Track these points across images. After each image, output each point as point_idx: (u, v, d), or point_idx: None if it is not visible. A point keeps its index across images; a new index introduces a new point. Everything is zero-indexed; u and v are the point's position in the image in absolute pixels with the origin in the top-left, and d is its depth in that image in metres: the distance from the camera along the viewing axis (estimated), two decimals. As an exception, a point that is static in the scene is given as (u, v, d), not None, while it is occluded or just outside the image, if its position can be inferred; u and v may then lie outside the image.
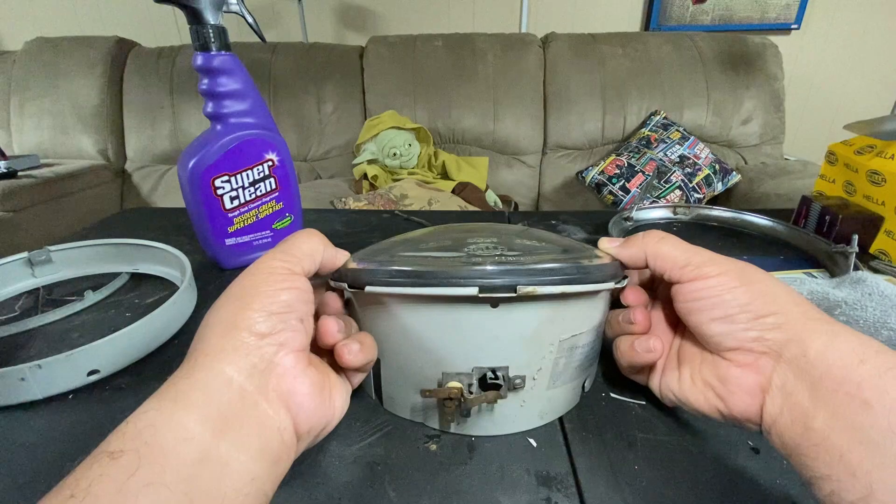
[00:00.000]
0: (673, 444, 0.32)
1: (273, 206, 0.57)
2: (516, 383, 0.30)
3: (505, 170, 1.90)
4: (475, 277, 0.27)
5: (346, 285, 0.30)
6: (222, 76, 0.50)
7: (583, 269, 0.29)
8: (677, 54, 1.85)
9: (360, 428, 0.33)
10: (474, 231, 0.36)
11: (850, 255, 0.50)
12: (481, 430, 0.32)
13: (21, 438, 0.33)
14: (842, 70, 2.12)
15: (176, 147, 1.93)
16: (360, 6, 2.19)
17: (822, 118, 2.19)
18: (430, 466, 0.30)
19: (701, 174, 1.67)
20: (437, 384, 0.30)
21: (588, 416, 0.34)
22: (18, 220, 1.56)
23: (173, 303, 0.43)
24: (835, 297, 0.42)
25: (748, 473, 0.30)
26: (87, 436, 0.33)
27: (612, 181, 1.69)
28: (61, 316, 0.48)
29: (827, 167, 0.66)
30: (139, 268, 0.55)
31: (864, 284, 0.42)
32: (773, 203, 1.51)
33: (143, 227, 0.71)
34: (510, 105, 1.86)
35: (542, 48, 1.91)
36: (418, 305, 0.29)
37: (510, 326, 0.29)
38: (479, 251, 0.31)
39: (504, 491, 0.29)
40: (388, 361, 0.32)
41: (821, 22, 2.06)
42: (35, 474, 0.30)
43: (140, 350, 0.41)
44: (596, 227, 0.70)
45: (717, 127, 1.85)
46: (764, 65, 1.84)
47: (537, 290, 0.27)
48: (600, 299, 0.32)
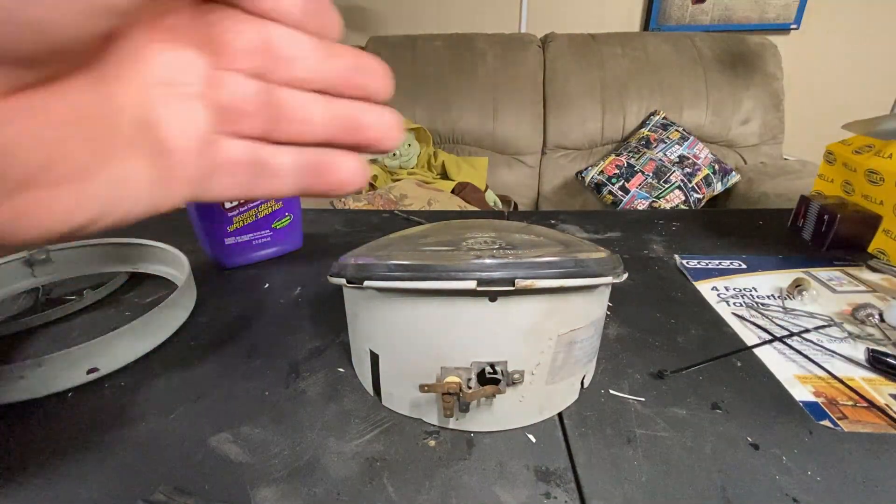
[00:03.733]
0: (672, 440, 0.32)
1: (272, 206, 0.57)
2: (515, 378, 0.30)
3: (504, 170, 1.90)
4: (473, 271, 0.27)
5: (345, 280, 0.30)
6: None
7: (581, 263, 0.29)
8: (677, 54, 1.85)
9: (359, 424, 0.33)
10: (472, 227, 0.36)
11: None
12: (480, 425, 0.32)
13: (21, 436, 0.33)
14: (841, 70, 2.12)
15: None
16: (360, 6, 2.19)
17: (821, 118, 2.19)
18: (429, 462, 0.30)
19: (700, 174, 1.67)
20: (436, 379, 0.30)
21: (587, 412, 0.34)
22: (18, 220, 1.56)
23: (172, 302, 0.43)
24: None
25: (747, 469, 0.30)
26: (87, 433, 0.33)
27: (612, 181, 1.69)
28: (61, 315, 0.48)
29: (825, 167, 0.66)
30: (138, 267, 0.55)
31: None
32: (772, 203, 1.51)
33: (142, 226, 0.71)
34: (510, 105, 1.86)
35: (541, 48, 1.91)
36: (417, 300, 0.29)
37: (509, 320, 0.29)
38: (477, 245, 0.31)
39: (503, 486, 0.29)
40: (386, 357, 0.32)
41: (820, 22, 2.06)
42: (35, 472, 0.30)
43: (139, 348, 0.41)
44: (596, 226, 0.70)
45: (716, 127, 1.85)
46: (763, 65, 1.84)
47: (535, 283, 0.27)
48: (599, 294, 0.32)
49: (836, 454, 0.31)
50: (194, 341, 0.43)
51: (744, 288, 0.51)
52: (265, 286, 0.53)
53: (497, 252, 0.29)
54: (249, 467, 0.30)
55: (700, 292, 0.51)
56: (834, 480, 0.29)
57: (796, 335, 0.43)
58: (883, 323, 0.44)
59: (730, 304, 0.49)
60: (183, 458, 0.31)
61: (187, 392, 0.37)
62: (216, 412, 0.35)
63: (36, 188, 0.12)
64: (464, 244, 0.31)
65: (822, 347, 0.41)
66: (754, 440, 0.32)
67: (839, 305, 0.47)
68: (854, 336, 0.43)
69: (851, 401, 0.35)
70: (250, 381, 0.38)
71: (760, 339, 0.43)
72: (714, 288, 0.52)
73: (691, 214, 0.74)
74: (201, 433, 0.33)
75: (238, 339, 0.44)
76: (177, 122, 0.14)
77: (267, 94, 0.15)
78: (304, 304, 0.49)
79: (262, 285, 0.53)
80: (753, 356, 0.40)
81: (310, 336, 0.44)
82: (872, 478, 0.29)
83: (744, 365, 0.39)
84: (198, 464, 0.30)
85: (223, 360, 0.41)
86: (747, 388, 0.37)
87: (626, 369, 0.39)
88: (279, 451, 0.31)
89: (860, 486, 0.28)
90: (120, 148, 0.13)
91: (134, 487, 0.29)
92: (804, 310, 0.47)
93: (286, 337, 0.44)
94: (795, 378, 0.38)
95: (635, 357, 0.40)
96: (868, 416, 0.34)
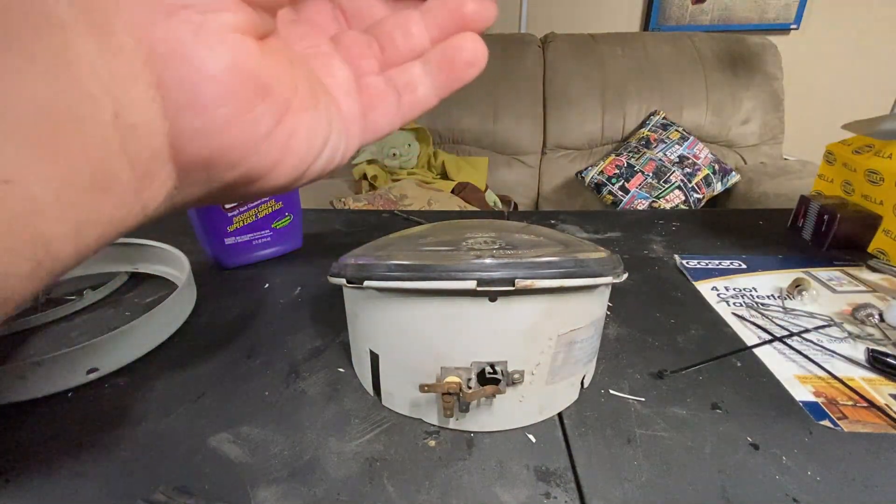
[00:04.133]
0: (672, 440, 0.32)
1: (272, 206, 0.57)
2: (515, 378, 0.30)
3: (504, 170, 1.90)
4: (473, 271, 0.27)
5: (345, 280, 0.30)
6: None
7: (581, 262, 0.29)
8: (677, 54, 1.85)
9: (359, 424, 0.33)
10: (472, 227, 0.36)
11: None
12: (480, 425, 0.32)
13: (21, 436, 0.33)
14: (841, 70, 2.12)
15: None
16: (359, 7, 2.19)
17: (820, 118, 2.19)
18: (429, 462, 0.30)
19: (700, 174, 1.67)
20: (436, 379, 0.30)
21: (587, 412, 0.34)
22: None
23: (172, 302, 0.43)
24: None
25: (747, 469, 0.30)
26: (87, 433, 0.33)
27: (612, 181, 1.69)
28: (61, 315, 0.48)
29: (825, 167, 0.66)
30: (138, 267, 0.55)
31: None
32: (772, 203, 1.51)
33: (142, 226, 0.71)
34: (510, 105, 1.86)
35: (541, 48, 1.92)
36: (417, 300, 0.29)
37: (508, 320, 0.29)
38: (477, 245, 0.31)
39: (503, 486, 0.29)
40: (386, 357, 0.32)
41: (820, 22, 2.06)
42: (35, 472, 0.30)
43: (139, 348, 0.41)
44: (596, 226, 0.70)
45: (716, 127, 1.85)
46: (763, 65, 1.84)
47: (535, 283, 0.27)
48: (599, 293, 0.32)
49: (836, 454, 0.31)
50: (194, 341, 0.43)
51: (744, 288, 0.51)
52: (265, 286, 0.53)
53: (497, 252, 0.29)
54: (249, 467, 0.30)
55: (700, 292, 0.51)
56: (834, 480, 0.29)
57: (796, 335, 0.43)
58: (883, 323, 0.44)
59: (730, 304, 0.49)
60: (183, 458, 0.31)
61: (187, 392, 0.37)
62: (216, 412, 0.35)
63: (290, 112, 0.14)
64: (464, 244, 0.31)
65: (822, 347, 0.41)
66: (754, 440, 0.32)
67: (839, 305, 0.47)
68: (854, 336, 0.43)
69: (851, 401, 0.35)
70: (250, 381, 0.38)
71: (760, 339, 0.43)
72: (714, 288, 0.52)
73: (691, 214, 0.74)
74: (201, 433, 0.33)
75: (238, 339, 0.44)
76: (328, 77, 0.17)
77: (375, 34, 0.18)
78: (304, 304, 0.49)
79: (262, 285, 0.53)
80: (753, 356, 0.40)
81: (310, 336, 0.44)
82: (872, 478, 0.29)
83: (744, 365, 0.39)
84: (198, 464, 0.30)
85: (223, 360, 0.41)
86: (747, 388, 0.37)
87: (626, 369, 0.39)
88: (279, 451, 0.31)
89: (860, 486, 0.28)
90: (320, 94, 0.16)
91: (134, 487, 0.29)
92: (804, 310, 0.47)
93: (286, 337, 0.44)
94: (795, 378, 0.38)
95: (635, 357, 0.40)
96: (868, 416, 0.34)
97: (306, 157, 0.16)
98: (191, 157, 0.13)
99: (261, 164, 0.14)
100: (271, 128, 0.14)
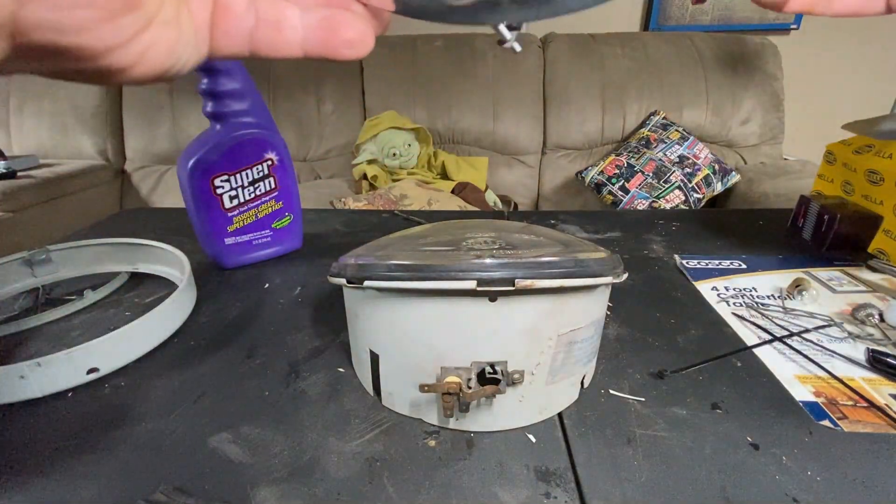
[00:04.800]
0: (672, 440, 0.32)
1: (273, 206, 0.57)
2: (515, 378, 0.30)
3: (504, 170, 1.90)
4: (473, 271, 0.27)
5: (345, 280, 0.30)
6: (222, 76, 0.50)
7: (581, 262, 0.29)
8: (677, 54, 1.85)
9: (359, 425, 0.33)
10: (472, 227, 0.36)
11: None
12: (480, 425, 0.32)
13: (21, 436, 0.33)
14: (841, 70, 2.12)
15: (175, 147, 1.92)
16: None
17: (821, 118, 2.19)
18: (429, 462, 0.30)
19: (700, 174, 1.67)
20: (436, 379, 0.30)
21: (587, 413, 0.34)
22: (18, 220, 1.56)
23: (172, 302, 0.43)
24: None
25: (747, 469, 0.30)
26: (87, 433, 0.33)
27: (612, 181, 1.69)
28: (61, 315, 0.48)
29: (825, 167, 0.66)
30: (139, 267, 0.55)
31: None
32: (772, 203, 1.51)
33: (142, 226, 0.71)
34: (510, 105, 1.86)
35: (541, 48, 1.91)
36: (417, 300, 0.29)
37: (508, 320, 0.29)
38: (477, 245, 0.31)
39: (503, 486, 0.29)
40: (386, 357, 0.32)
41: (820, 22, 2.06)
42: (35, 472, 0.30)
43: (139, 348, 0.41)
44: (596, 226, 0.70)
45: (716, 127, 1.85)
46: (763, 65, 1.84)
47: (535, 283, 0.27)
48: (599, 294, 0.32)
49: (836, 454, 0.31)
50: (194, 341, 0.43)
51: (744, 288, 0.51)
52: (265, 286, 0.53)
53: (497, 252, 0.29)
54: (249, 467, 0.30)
55: (700, 292, 0.51)
56: (834, 480, 0.29)
57: (796, 335, 0.43)
58: (883, 323, 0.44)
59: (730, 304, 0.49)
60: (183, 458, 0.31)
61: (187, 392, 0.37)
62: (216, 412, 0.35)
63: (152, 25, 0.14)
64: (464, 244, 0.31)
65: (822, 347, 0.41)
66: (754, 440, 0.32)
67: (839, 305, 0.47)
68: (854, 336, 0.43)
69: (851, 401, 0.35)
70: (250, 381, 0.38)
71: (760, 339, 0.43)
72: (714, 288, 0.52)
73: (691, 214, 0.74)
74: (201, 433, 0.33)
75: (238, 339, 0.44)
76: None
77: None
78: (304, 304, 0.49)
79: (262, 285, 0.53)
80: (753, 356, 0.40)
81: (310, 336, 0.44)
82: (872, 478, 0.29)
83: (744, 365, 0.39)
84: (198, 464, 0.30)
85: (223, 360, 0.41)
86: (747, 388, 0.37)
87: (626, 369, 0.39)
88: (279, 451, 0.31)
89: (860, 486, 0.28)
90: (182, 7, 0.16)
91: (134, 487, 0.29)
92: (804, 310, 0.47)
93: (286, 337, 0.44)
94: (795, 378, 0.38)
95: (635, 357, 0.40)
96: (868, 416, 0.34)
97: (158, 68, 0.15)
98: (32, 43, 0.13)
99: (109, 67, 0.14)
100: (130, 38, 0.14)
